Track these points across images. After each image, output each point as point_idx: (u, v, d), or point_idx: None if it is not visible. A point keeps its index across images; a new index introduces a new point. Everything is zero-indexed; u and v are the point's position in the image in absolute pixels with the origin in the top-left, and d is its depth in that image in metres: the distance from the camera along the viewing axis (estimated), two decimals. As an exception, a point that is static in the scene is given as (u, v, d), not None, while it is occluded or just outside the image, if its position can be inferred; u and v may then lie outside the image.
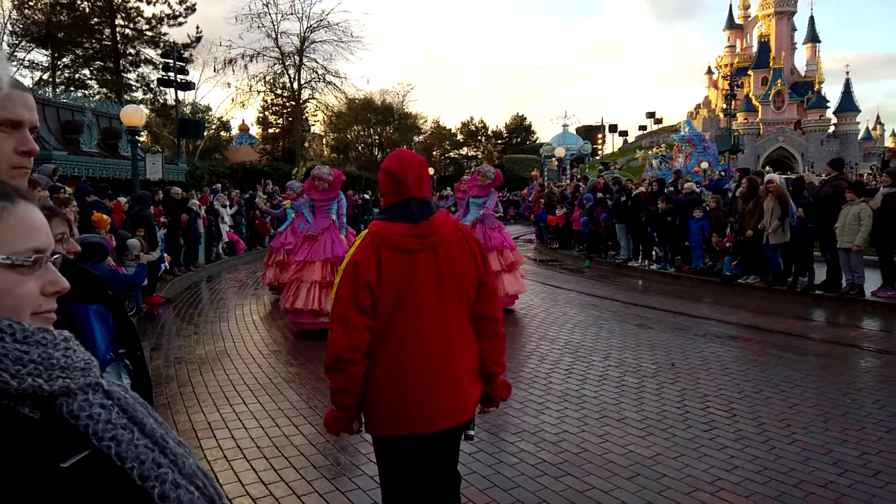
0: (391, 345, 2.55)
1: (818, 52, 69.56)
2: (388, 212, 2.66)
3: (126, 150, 18.51)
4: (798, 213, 10.65)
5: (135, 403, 1.04)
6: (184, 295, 12.28)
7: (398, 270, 2.54)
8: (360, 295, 2.50)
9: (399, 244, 2.56)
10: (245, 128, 58.17)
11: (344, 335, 2.50)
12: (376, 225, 2.62)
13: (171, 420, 5.41)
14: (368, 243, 2.57)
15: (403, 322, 2.55)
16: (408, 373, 2.54)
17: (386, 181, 2.68)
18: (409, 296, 2.55)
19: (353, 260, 2.55)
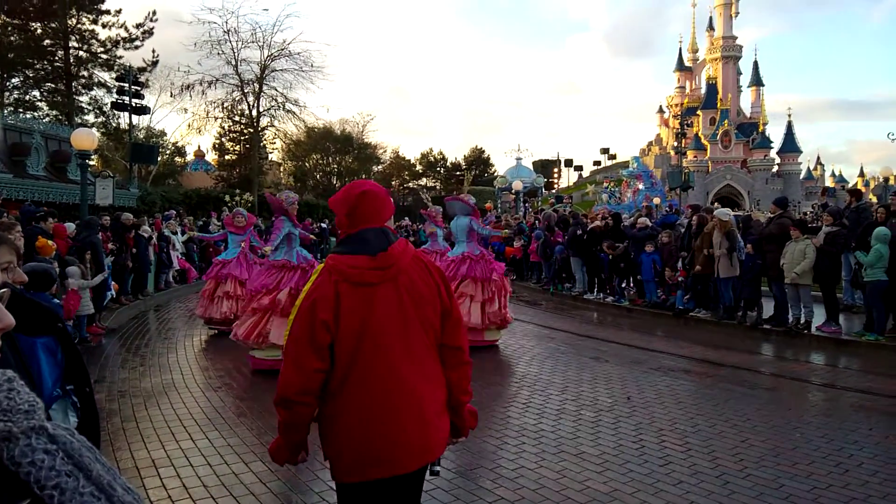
0: (354, 385, 2.42)
1: (762, 95, 72.10)
2: (344, 244, 2.57)
3: (75, 173, 18.08)
4: (747, 249, 10.92)
5: (81, 448, 0.97)
6: (130, 325, 11.93)
7: (358, 306, 2.42)
8: (316, 335, 2.38)
9: (357, 278, 2.44)
10: (201, 154, 57.57)
11: (296, 376, 2.40)
12: (332, 259, 2.51)
13: (112, 457, 5.19)
14: (325, 278, 2.46)
15: (366, 360, 2.42)
16: (374, 415, 2.41)
17: (338, 212, 2.61)
18: (371, 332, 2.42)
19: (310, 297, 2.44)
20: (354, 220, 2.55)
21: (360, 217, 2.55)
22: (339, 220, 2.62)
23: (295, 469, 5.00)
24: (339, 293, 2.41)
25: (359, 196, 2.57)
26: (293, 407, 2.43)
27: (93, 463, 0.96)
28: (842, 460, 5.18)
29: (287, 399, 2.42)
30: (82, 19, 33.60)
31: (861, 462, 5.14)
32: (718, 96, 68.99)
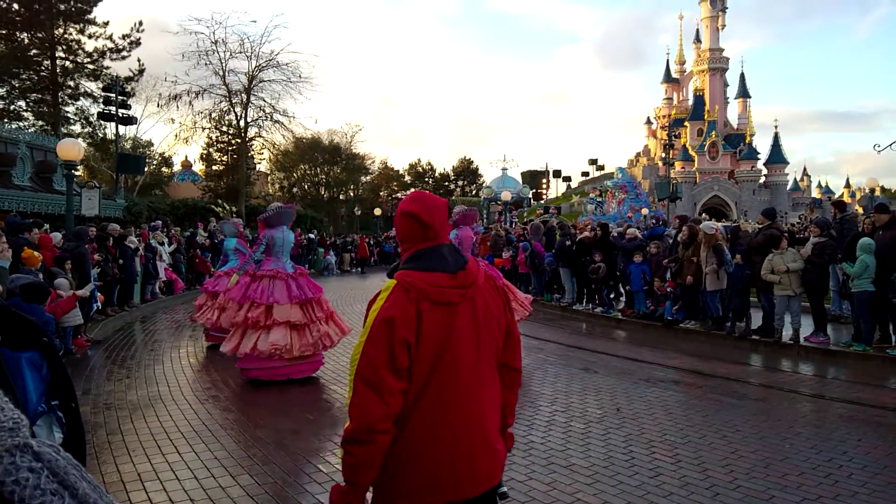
0: (427, 408, 2.27)
1: (749, 107, 72.79)
2: (417, 260, 2.37)
3: (61, 184, 17.96)
4: (736, 260, 10.97)
5: (67, 466, 0.95)
6: (116, 336, 11.82)
7: (438, 326, 2.27)
8: (396, 356, 2.20)
9: (439, 297, 2.28)
10: (188, 164, 57.39)
11: (379, 402, 2.18)
12: (408, 275, 2.31)
13: (97, 471, 5.13)
14: (402, 296, 2.26)
15: (441, 382, 2.27)
16: (447, 438, 2.27)
17: (410, 226, 2.41)
18: (449, 353, 2.28)
19: (387, 315, 2.22)
20: (429, 234, 2.39)
21: (437, 231, 2.41)
22: (408, 233, 2.43)
23: (282, 483, 4.96)
24: (421, 312, 2.25)
25: (438, 208, 2.43)
26: (375, 437, 2.19)
27: (79, 481, 0.94)
28: (831, 471, 5.19)
29: (371, 429, 2.18)
30: (69, 29, 33.48)
31: (851, 473, 5.15)
32: (706, 108, 69.62)
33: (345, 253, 31.29)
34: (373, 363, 2.19)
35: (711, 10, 71.18)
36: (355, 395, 2.21)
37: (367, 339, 2.23)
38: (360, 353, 2.22)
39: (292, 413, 6.95)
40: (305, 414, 6.95)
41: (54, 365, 1.71)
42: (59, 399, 1.77)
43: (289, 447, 5.81)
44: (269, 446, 5.80)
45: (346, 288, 22.04)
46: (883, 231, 9.83)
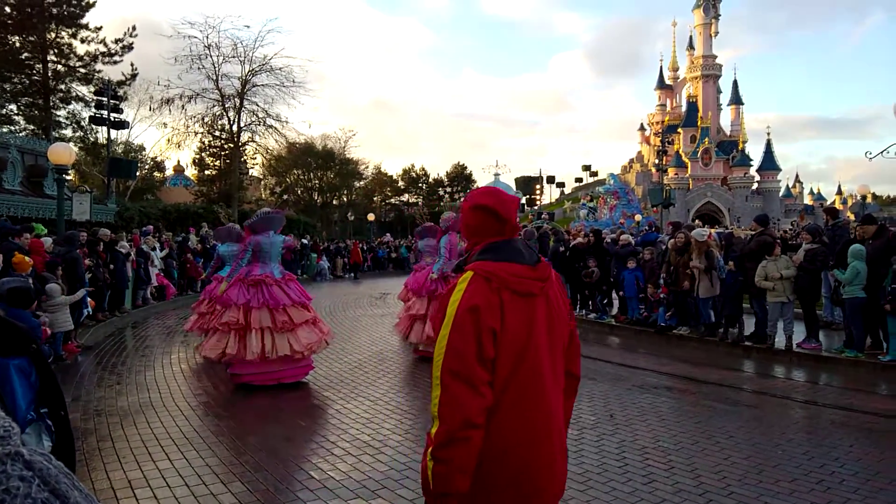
0: (508, 409, 2.13)
1: (742, 114, 73.11)
2: (493, 251, 2.27)
3: (52, 188, 17.88)
4: (728, 267, 11.00)
5: (58, 474, 0.93)
6: (107, 342, 11.75)
7: (520, 318, 2.16)
8: (483, 346, 2.08)
9: (519, 286, 2.19)
10: (180, 169, 57.17)
11: (473, 393, 2.04)
12: (486, 265, 2.21)
13: (88, 478, 5.09)
14: (482, 285, 2.15)
15: (523, 380, 2.15)
16: (527, 441, 2.15)
17: (483, 219, 2.33)
18: (531, 347, 2.17)
19: (471, 304, 2.10)
20: (506, 228, 2.33)
21: (513, 226, 2.35)
22: (480, 227, 2.35)
23: (274, 490, 4.93)
24: (503, 301, 2.15)
25: (512, 202, 2.37)
26: (472, 434, 2.03)
27: (70, 490, 0.93)
28: (823, 477, 5.19)
29: (467, 423, 2.02)
30: (61, 33, 33.41)
31: (843, 479, 5.16)
32: (699, 114, 69.89)
33: (338, 258, 31.24)
34: (461, 354, 2.06)
35: (705, 18, 71.53)
36: (444, 392, 2.05)
37: (452, 330, 2.10)
38: (445, 347, 2.09)
39: (284, 420, 6.91)
40: (297, 420, 6.92)
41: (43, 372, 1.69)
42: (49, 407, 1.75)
43: (280, 454, 5.77)
44: (261, 453, 5.77)
45: (340, 294, 22.00)
46: (873, 240, 9.89)
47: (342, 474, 5.24)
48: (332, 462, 5.54)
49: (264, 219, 8.60)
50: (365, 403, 7.51)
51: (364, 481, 5.08)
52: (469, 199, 2.43)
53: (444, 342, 2.10)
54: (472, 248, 2.38)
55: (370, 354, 10.55)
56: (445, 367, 2.07)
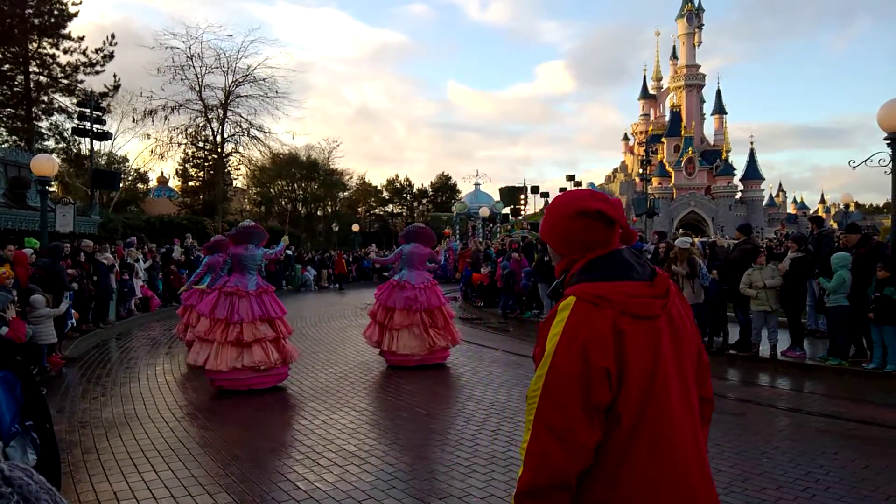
0: (640, 459, 1.77)
1: (725, 123, 73.75)
2: (598, 270, 1.88)
3: (35, 200, 17.72)
4: (712, 275, 11.07)
5: (38, 491, 0.93)
6: (91, 354, 11.65)
7: (644, 348, 1.79)
8: (593, 390, 1.72)
9: (641, 309, 1.81)
10: (164, 180, 56.88)
11: (564, 454, 1.71)
12: (597, 287, 1.82)
13: (73, 490, 5.04)
14: (591, 312, 1.77)
15: (654, 423, 1.78)
16: (665, 494, 1.77)
17: (588, 228, 1.91)
18: (658, 383, 1.80)
19: (575, 338, 1.74)
20: (614, 236, 1.94)
21: (628, 232, 1.96)
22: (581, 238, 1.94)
23: (260, 501, 4.90)
24: (622, 331, 1.77)
25: (620, 204, 1.97)
26: (556, 495, 1.74)
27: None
28: (809, 485, 5.23)
29: (551, 485, 1.73)
30: (43, 44, 33.18)
31: (828, 486, 5.20)
32: (682, 124, 70.39)
33: (323, 269, 31.13)
34: (560, 403, 1.73)
35: (688, 27, 72.19)
36: (534, 441, 1.75)
37: (550, 372, 1.75)
38: (541, 390, 1.76)
39: (270, 430, 6.88)
40: (283, 431, 6.89)
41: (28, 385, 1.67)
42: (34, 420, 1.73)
43: (266, 465, 5.74)
44: (247, 464, 5.73)
45: (325, 305, 21.92)
46: (856, 248, 9.99)
47: (328, 485, 5.22)
48: (319, 472, 5.51)
49: (242, 232, 8.98)
50: (351, 414, 7.48)
51: (350, 492, 5.06)
52: (565, 204, 1.98)
53: (539, 384, 1.77)
54: (569, 265, 1.98)
55: (356, 365, 10.52)
56: (540, 415, 1.75)
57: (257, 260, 9.02)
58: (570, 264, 1.97)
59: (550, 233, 2.03)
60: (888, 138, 9.61)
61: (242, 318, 8.51)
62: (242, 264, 8.87)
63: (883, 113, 9.56)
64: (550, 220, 2.02)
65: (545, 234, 2.05)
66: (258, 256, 9.04)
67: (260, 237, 9.19)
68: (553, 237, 2.02)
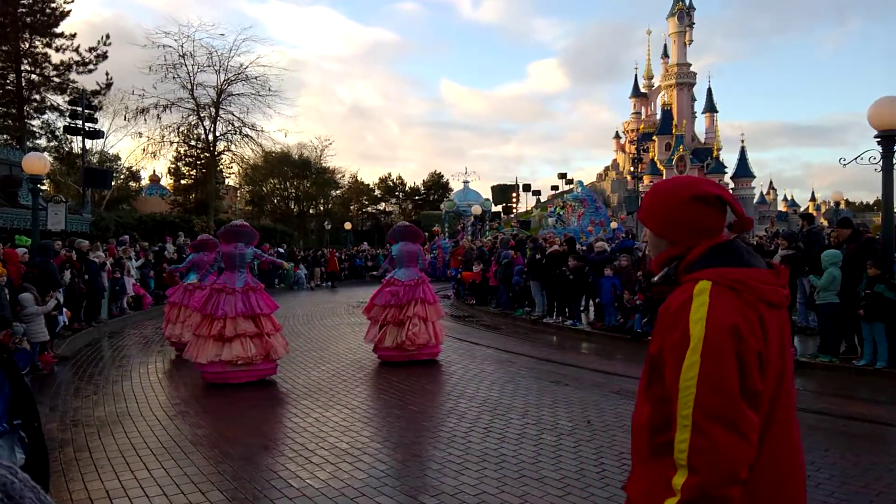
0: (770, 448, 1.73)
1: (716, 121, 73.98)
2: (727, 255, 1.81)
3: (27, 198, 17.65)
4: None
5: (22, 488, 0.93)
6: (84, 352, 11.61)
7: (776, 336, 1.75)
8: (748, 375, 1.64)
9: (775, 297, 1.77)
10: (156, 178, 56.71)
11: (740, 442, 1.60)
12: (733, 272, 1.76)
13: (65, 489, 5.03)
14: (733, 298, 1.71)
15: (781, 415, 1.76)
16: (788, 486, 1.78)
17: (706, 215, 1.86)
18: (786, 373, 1.78)
19: (728, 322, 1.66)
20: (724, 225, 1.89)
21: (745, 220, 1.90)
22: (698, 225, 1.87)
23: (252, 498, 4.91)
24: (762, 317, 1.72)
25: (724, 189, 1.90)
26: (734, 493, 1.61)
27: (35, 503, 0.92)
28: (798, 480, 5.25)
29: (731, 479, 1.60)
30: (35, 42, 33.01)
31: (818, 483, 5.23)
32: (674, 122, 70.57)
33: (315, 267, 31.10)
34: (722, 389, 1.62)
35: (679, 26, 72.34)
36: (700, 437, 1.61)
37: (706, 357, 1.64)
38: (698, 379, 1.64)
39: (262, 428, 6.88)
40: (276, 430, 6.89)
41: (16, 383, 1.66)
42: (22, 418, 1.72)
43: (259, 462, 5.75)
44: (239, 462, 5.73)
45: (317, 303, 21.90)
46: (847, 244, 10.03)
47: (321, 482, 5.22)
48: (311, 470, 5.52)
49: (230, 231, 9.34)
50: (343, 411, 7.49)
51: (343, 489, 5.07)
52: (678, 188, 1.92)
53: (692, 372, 1.65)
54: (683, 252, 1.89)
55: (348, 363, 10.53)
56: (701, 405, 1.63)
57: (247, 258, 9.33)
58: (684, 251, 1.88)
59: (656, 217, 1.95)
60: (878, 136, 9.67)
61: (226, 314, 8.78)
62: (232, 262, 9.19)
63: (873, 111, 9.61)
64: (659, 203, 1.94)
65: (648, 217, 1.98)
66: (248, 255, 9.33)
67: (250, 237, 9.48)
68: (660, 222, 1.94)
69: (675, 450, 1.66)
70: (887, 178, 9.68)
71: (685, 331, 1.68)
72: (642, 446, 1.88)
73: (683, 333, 1.69)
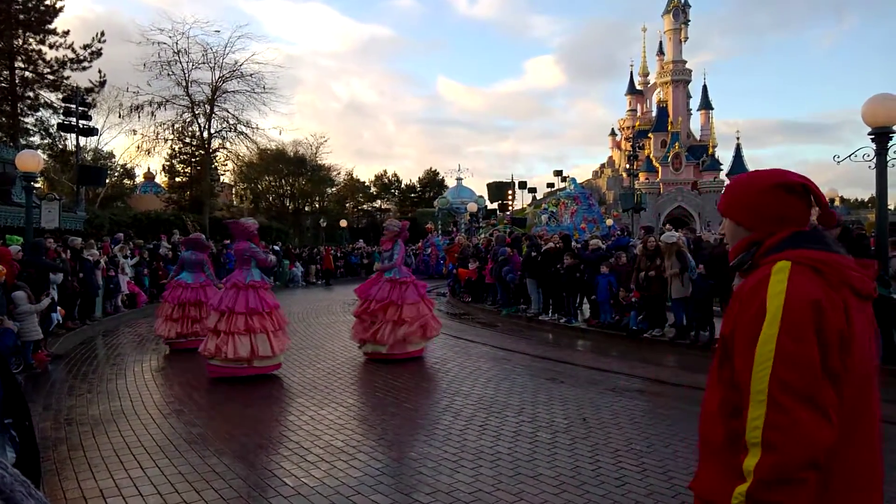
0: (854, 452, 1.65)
1: (711, 119, 74.03)
2: (809, 240, 1.75)
3: (20, 196, 17.58)
4: (699, 270, 11.14)
5: (13, 482, 0.92)
6: (78, 350, 11.57)
7: (863, 327, 1.67)
8: (830, 354, 1.57)
9: (861, 285, 1.70)
10: (150, 176, 56.57)
11: (820, 420, 1.53)
12: (816, 254, 1.70)
13: (59, 488, 5.02)
14: (816, 278, 1.65)
15: (864, 409, 1.67)
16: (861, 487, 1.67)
17: (788, 204, 1.81)
18: (871, 368, 1.71)
19: (810, 297, 1.60)
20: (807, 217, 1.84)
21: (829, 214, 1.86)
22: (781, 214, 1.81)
23: (247, 497, 4.90)
24: (847, 303, 1.65)
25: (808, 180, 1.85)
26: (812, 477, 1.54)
27: (26, 498, 0.92)
28: (792, 477, 5.26)
29: (810, 461, 1.52)
30: (28, 40, 32.87)
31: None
32: (669, 119, 70.59)
33: (311, 265, 31.09)
34: (802, 363, 1.55)
35: (674, 23, 72.33)
36: (778, 412, 1.53)
37: (784, 331, 1.57)
38: (775, 352, 1.56)
39: (257, 426, 6.87)
40: (271, 427, 6.88)
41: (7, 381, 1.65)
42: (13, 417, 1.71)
43: (254, 461, 5.74)
44: (234, 460, 5.72)
45: (313, 300, 21.90)
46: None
47: (316, 481, 5.22)
48: (306, 469, 5.51)
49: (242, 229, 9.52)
50: (339, 409, 7.48)
51: (338, 487, 5.07)
52: (761, 177, 1.88)
53: (769, 346, 1.57)
54: (762, 238, 1.83)
55: (343, 361, 10.52)
56: (777, 378, 1.55)
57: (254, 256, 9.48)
58: (763, 237, 1.82)
59: (738, 204, 1.90)
60: (872, 133, 9.68)
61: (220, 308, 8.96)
62: (243, 259, 9.42)
63: (867, 108, 9.62)
64: (741, 190, 1.91)
65: (729, 205, 1.94)
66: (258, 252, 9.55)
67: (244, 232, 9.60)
68: (741, 209, 1.89)
69: (748, 428, 1.58)
70: (881, 176, 9.69)
71: (762, 305, 1.62)
72: (713, 436, 1.78)
73: (760, 308, 1.62)
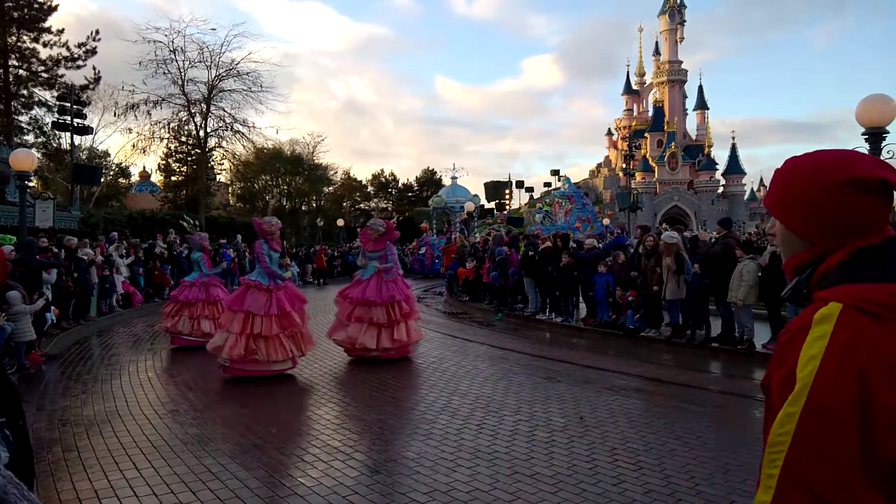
0: None
1: (707, 118, 74.19)
2: (874, 265, 1.29)
3: (14, 195, 17.52)
4: (694, 269, 11.14)
5: (6, 484, 0.91)
6: (72, 350, 11.53)
7: None
8: (877, 441, 1.15)
9: None
10: (146, 175, 56.53)
11: None
12: (879, 291, 1.24)
13: (53, 489, 4.99)
14: (870, 327, 1.20)
15: None
16: None
17: (858, 204, 1.31)
18: None
19: (849, 363, 1.17)
20: (887, 219, 1.35)
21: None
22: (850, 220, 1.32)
23: (244, 498, 4.88)
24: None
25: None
26: None
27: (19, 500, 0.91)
28: (789, 475, 5.26)
29: None
30: (23, 38, 32.79)
31: None
32: (665, 119, 70.72)
33: (307, 264, 31.09)
34: (826, 455, 1.16)
35: (670, 23, 72.46)
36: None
37: (809, 409, 1.18)
38: (793, 434, 1.19)
39: (253, 426, 6.84)
40: (268, 428, 6.85)
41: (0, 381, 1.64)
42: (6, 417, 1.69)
43: (250, 461, 5.71)
44: (230, 460, 5.70)
45: (309, 299, 21.81)
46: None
47: (313, 480, 5.20)
48: (303, 468, 5.50)
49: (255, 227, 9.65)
50: (335, 409, 7.47)
51: (335, 487, 5.05)
52: (825, 169, 1.35)
53: (788, 426, 1.20)
54: (820, 257, 1.38)
55: (340, 360, 10.50)
56: (792, 469, 1.19)
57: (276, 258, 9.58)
58: (821, 255, 1.37)
59: (792, 205, 1.40)
60: (865, 133, 9.70)
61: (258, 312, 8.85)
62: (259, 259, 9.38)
63: (861, 109, 9.64)
64: (798, 186, 1.39)
65: (779, 205, 1.44)
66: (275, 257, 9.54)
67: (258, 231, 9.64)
68: (796, 213, 1.40)
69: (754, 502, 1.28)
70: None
71: (792, 371, 1.23)
72: None
73: (790, 373, 1.23)
